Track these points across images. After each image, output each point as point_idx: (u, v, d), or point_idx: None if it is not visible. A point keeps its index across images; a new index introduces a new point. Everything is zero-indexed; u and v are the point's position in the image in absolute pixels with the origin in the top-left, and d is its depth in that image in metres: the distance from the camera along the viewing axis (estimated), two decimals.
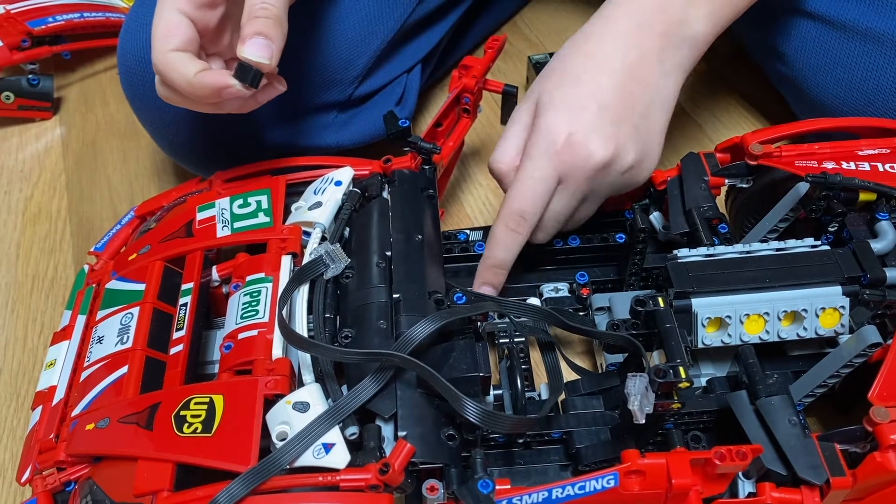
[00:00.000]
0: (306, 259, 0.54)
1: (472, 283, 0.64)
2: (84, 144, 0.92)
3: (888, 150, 0.60)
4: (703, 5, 0.57)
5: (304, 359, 0.49)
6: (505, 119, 0.73)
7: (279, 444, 0.44)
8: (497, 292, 0.60)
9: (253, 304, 0.52)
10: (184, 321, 0.53)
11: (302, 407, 0.46)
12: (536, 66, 0.88)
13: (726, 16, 0.58)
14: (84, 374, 0.52)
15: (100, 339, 0.53)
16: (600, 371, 0.62)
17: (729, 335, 0.51)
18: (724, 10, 0.58)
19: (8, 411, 0.68)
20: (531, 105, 0.58)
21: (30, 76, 0.92)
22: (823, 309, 0.50)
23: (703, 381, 0.54)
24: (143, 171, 0.88)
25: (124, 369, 0.50)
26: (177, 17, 0.53)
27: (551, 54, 0.89)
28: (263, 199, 0.59)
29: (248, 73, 0.52)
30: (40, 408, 0.53)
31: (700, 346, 0.51)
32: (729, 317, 0.51)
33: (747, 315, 0.51)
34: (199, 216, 0.60)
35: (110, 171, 0.88)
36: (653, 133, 0.57)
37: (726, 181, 0.63)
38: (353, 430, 0.45)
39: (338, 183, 0.59)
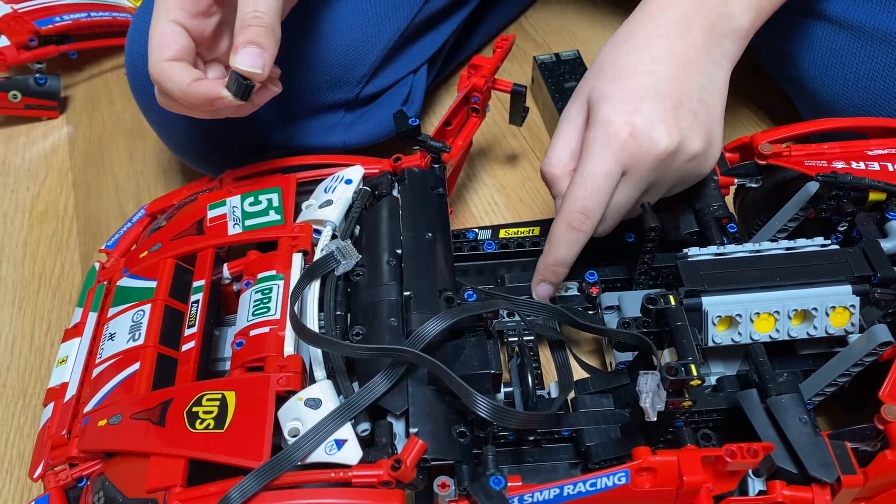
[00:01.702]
0: (317, 256, 0.54)
1: (482, 281, 0.64)
2: (91, 143, 0.92)
3: None
4: None
5: (315, 355, 0.49)
6: (513, 119, 0.73)
7: (291, 441, 0.44)
8: (556, 290, 0.59)
9: (264, 301, 0.52)
10: (195, 318, 0.54)
11: (314, 403, 0.46)
12: (542, 67, 0.88)
13: (767, 6, 0.58)
14: (96, 371, 0.52)
15: (111, 336, 0.54)
16: (609, 370, 0.62)
17: (739, 334, 0.51)
18: (763, 0, 0.58)
19: (15, 409, 0.68)
20: (582, 103, 0.57)
21: (37, 75, 0.92)
22: (834, 308, 0.51)
23: (713, 380, 0.54)
24: (149, 170, 0.88)
25: (136, 366, 0.51)
26: (171, 27, 0.53)
27: (557, 55, 0.90)
28: (274, 197, 0.60)
29: (240, 84, 0.52)
30: (52, 404, 0.53)
31: (710, 344, 0.51)
32: (739, 315, 0.51)
33: (757, 314, 0.51)
34: (210, 214, 0.60)
35: (117, 169, 0.88)
36: (712, 120, 0.56)
37: (735, 180, 0.63)
38: (364, 426, 0.46)
39: (348, 181, 0.59)
